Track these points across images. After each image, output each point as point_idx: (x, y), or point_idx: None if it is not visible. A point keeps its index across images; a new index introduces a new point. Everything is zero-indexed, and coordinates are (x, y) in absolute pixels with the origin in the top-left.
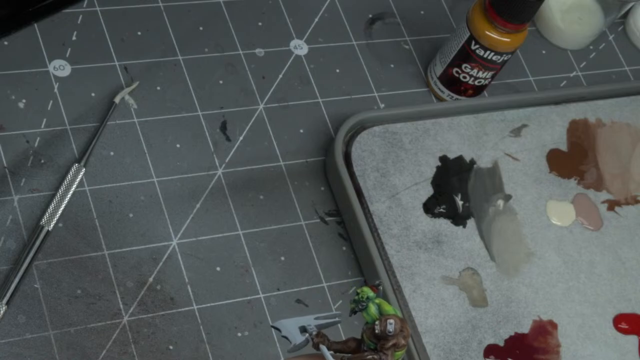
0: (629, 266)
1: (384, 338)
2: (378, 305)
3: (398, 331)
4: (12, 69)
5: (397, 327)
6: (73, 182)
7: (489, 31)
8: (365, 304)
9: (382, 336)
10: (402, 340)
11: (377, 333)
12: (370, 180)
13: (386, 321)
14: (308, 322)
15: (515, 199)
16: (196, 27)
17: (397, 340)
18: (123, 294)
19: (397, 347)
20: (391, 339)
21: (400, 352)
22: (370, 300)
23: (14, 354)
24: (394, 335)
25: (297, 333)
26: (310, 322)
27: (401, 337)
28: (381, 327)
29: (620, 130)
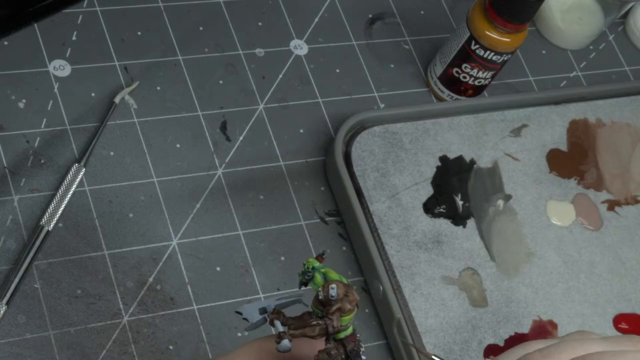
0: (629, 266)
1: (328, 303)
2: (324, 274)
3: (342, 296)
4: (12, 69)
5: (341, 292)
6: (73, 182)
7: (489, 31)
8: (312, 274)
9: (326, 302)
10: (347, 305)
11: (321, 299)
12: (370, 180)
13: (328, 286)
14: (269, 303)
15: (515, 199)
16: (196, 27)
17: (342, 305)
18: (123, 294)
19: (342, 312)
20: (335, 303)
21: (347, 317)
22: (316, 270)
23: (14, 354)
24: (338, 300)
25: (257, 314)
26: (271, 304)
27: (346, 302)
28: (324, 293)
29: (620, 130)
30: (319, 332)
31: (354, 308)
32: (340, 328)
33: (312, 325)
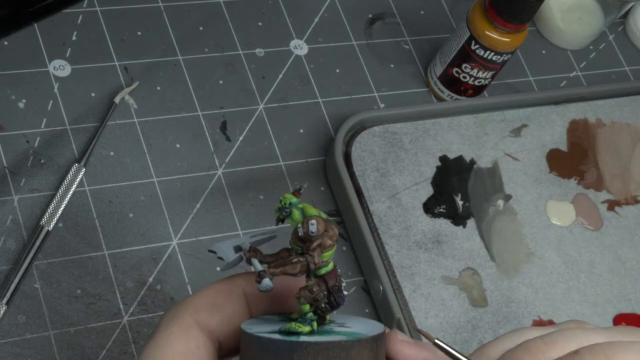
0: (629, 266)
1: (309, 240)
2: (302, 209)
3: (322, 231)
4: (12, 69)
5: (321, 227)
6: (73, 182)
7: (489, 31)
8: (289, 209)
9: (306, 238)
10: (328, 241)
11: (301, 236)
12: (370, 180)
13: (308, 222)
14: (244, 241)
15: (515, 199)
16: (196, 27)
17: (323, 241)
18: (123, 294)
19: (323, 248)
20: (315, 239)
21: (328, 253)
22: (294, 205)
23: (14, 354)
24: (318, 235)
25: (232, 252)
26: (246, 241)
27: (327, 237)
28: (304, 229)
29: (620, 130)
30: (301, 269)
31: (334, 243)
32: (321, 264)
33: (293, 263)
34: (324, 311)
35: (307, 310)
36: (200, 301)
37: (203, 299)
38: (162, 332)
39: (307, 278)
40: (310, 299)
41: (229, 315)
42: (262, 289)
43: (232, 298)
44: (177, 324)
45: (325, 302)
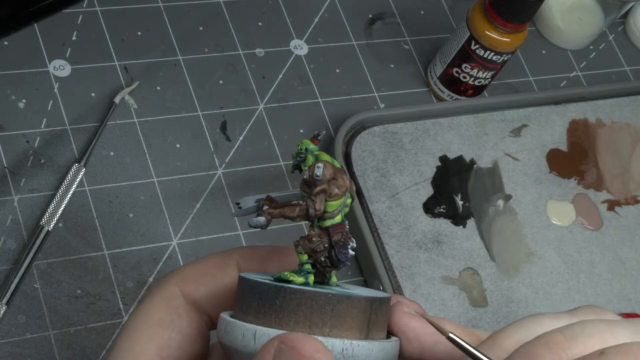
0: (629, 266)
1: (313, 184)
2: (316, 156)
3: (328, 177)
4: (12, 69)
5: (327, 172)
6: (73, 182)
7: (489, 31)
8: (304, 155)
9: (310, 182)
10: (335, 189)
11: (306, 179)
12: (370, 180)
13: (314, 165)
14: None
15: (515, 199)
16: (196, 27)
17: (328, 188)
18: (123, 294)
19: (329, 196)
20: (319, 184)
21: (334, 203)
22: (310, 152)
23: (14, 354)
24: (323, 181)
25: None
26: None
27: (334, 185)
28: (309, 172)
29: (620, 130)
30: (299, 212)
31: (342, 194)
32: (326, 215)
33: (291, 205)
34: (324, 266)
35: (304, 261)
36: (188, 271)
37: (192, 269)
38: (146, 301)
39: (311, 227)
40: (308, 248)
41: (219, 287)
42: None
43: (224, 270)
44: (161, 293)
45: (326, 256)
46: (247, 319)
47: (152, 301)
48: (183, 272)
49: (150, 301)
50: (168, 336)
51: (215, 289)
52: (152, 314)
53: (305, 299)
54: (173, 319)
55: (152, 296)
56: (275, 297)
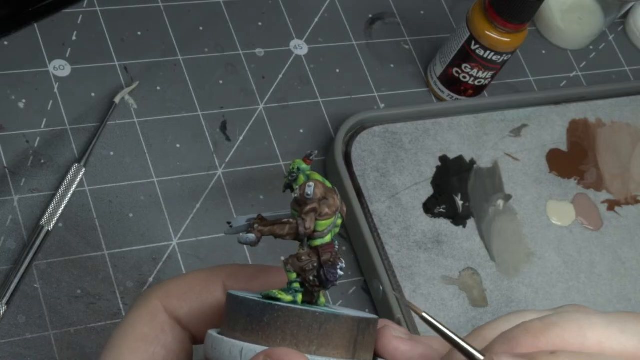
0: (629, 266)
1: (304, 203)
2: (308, 176)
3: (319, 197)
4: (12, 69)
5: (318, 192)
6: (73, 182)
7: (489, 31)
8: (296, 174)
9: (301, 201)
10: (325, 209)
11: (296, 197)
12: (370, 180)
13: (305, 184)
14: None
15: (515, 199)
16: (196, 27)
17: (319, 207)
18: (123, 294)
19: (319, 216)
20: (310, 203)
21: (324, 222)
22: (302, 171)
23: (14, 354)
24: (314, 199)
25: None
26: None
27: (325, 205)
28: (300, 191)
29: (620, 130)
30: (289, 231)
31: (333, 214)
32: (315, 234)
33: (282, 223)
34: (312, 285)
35: (293, 280)
36: (172, 287)
37: (176, 285)
38: (130, 315)
39: (300, 246)
40: (297, 267)
41: (203, 305)
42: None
43: (209, 289)
44: (145, 307)
45: (314, 276)
46: (234, 335)
47: (136, 315)
48: (167, 288)
49: (134, 315)
50: (152, 351)
51: (199, 307)
52: (136, 329)
53: (293, 316)
54: (157, 334)
55: (136, 310)
56: (263, 314)
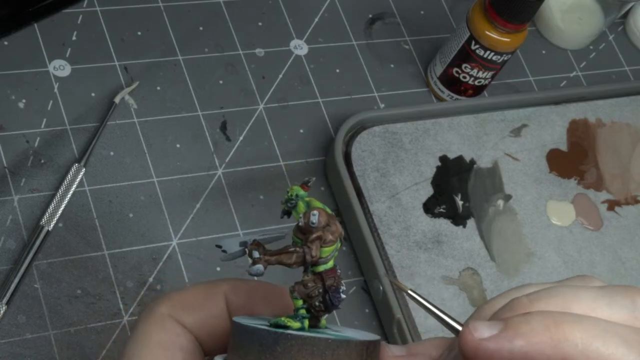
0: (629, 266)
1: (309, 231)
2: (307, 202)
3: (323, 224)
4: (12, 69)
5: (323, 220)
6: (73, 182)
7: (489, 31)
8: (295, 201)
9: (306, 229)
10: (329, 236)
11: (301, 226)
12: (370, 180)
13: (310, 213)
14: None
15: (515, 199)
16: (196, 27)
17: (323, 234)
18: (123, 294)
19: (323, 243)
20: (315, 231)
21: (328, 249)
22: (300, 198)
23: (14, 354)
24: (319, 228)
25: (236, 246)
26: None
27: (328, 232)
28: (305, 219)
29: (620, 130)
30: (296, 259)
31: (336, 240)
32: (320, 260)
33: (288, 252)
34: (318, 310)
35: (299, 306)
36: (176, 298)
37: (179, 297)
38: (140, 326)
39: (304, 273)
40: (304, 294)
41: (206, 316)
42: (251, 272)
43: (211, 301)
44: (153, 316)
45: (320, 301)
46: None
47: (146, 325)
48: (171, 298)
49: (144, 326)
50: (171, 355)
51: (202, 318)
52: (151, 337)
53: (306, 344)
54: (173, 339)
55: (145, 320)
56: (276, 344)
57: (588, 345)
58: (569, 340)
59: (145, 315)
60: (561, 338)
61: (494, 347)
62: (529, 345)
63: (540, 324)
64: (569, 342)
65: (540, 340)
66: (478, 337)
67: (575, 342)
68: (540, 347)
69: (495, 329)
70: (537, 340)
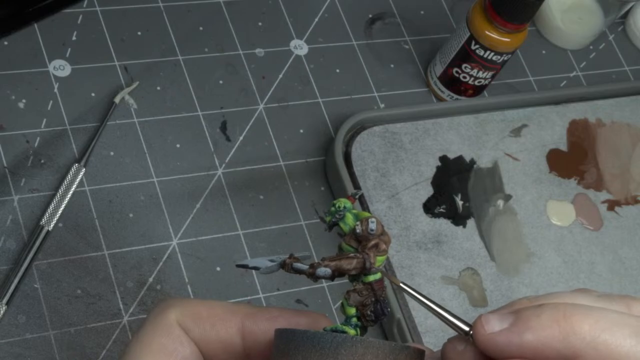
0: (629, 266)
1: (366, 238)
2: (356, 214)
3: (380, 231)
4: (12, 69)
5: (379, 227)
6: (73, 182)
7: (489, 31)
8: (343, 213)
9: (363, 237)
10: (383, 245)
11: (358, 233)
12: (370, 180)
13: (367, 220)
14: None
15: (515, 199)
16: (196, 27)
17: (379, 242)
18: (123, 294)
19: (378, 251)
20: (373, 238)
21: (381, 258)
22: (348, 210)
23: (14, 354)
24: (376, 235)
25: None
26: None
27: (382, 241)
28: (363, 227)
29: (620, 130)
30: (356, 265)
31: (387, 250)
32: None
33: (349, 258)
34: (368, 319)
35: (352, 314)
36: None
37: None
38: (146, 326)
39: (356, 282)
40: (358, 302)
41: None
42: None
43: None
44: (161, 319)
45: (372, 310)
46: None
47: (152, 326)
48: (185, 307)
49: (150, 327)
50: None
51: (209, 337)
52: (154, 339)
53: (371, 347)
54: (176, 347)
55: (152, 321)
56: (339, 347)
57: (596, 338)
58: (576, 334)
59: (153, 316)
60: (569, 331)
61: (504, 342)
62: (538, 340)
63: (550, 317)
64: (577, 336)
65: (549, 334)
66: (489, 331)
67: (583, 335)
68: (549, 341)
69: (506, 322)
70: (546, 334)
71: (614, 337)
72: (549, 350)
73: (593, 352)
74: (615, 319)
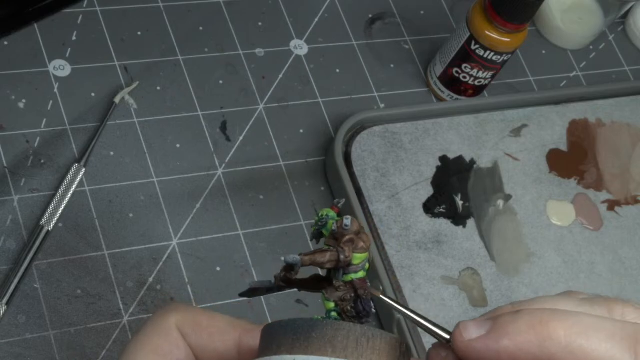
0: (629, 266)
1: (341, 235)
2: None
3: (356, 229)
4: (12, 69)
5: (355, 225)
6: (73, 182)
7: (489, 31)
8: (325, 220)
9: (339, 234)
10: (360, 242)
11: (334, 231)
12: (370, 180)
13: (342, 218)
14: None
15: (515, 199)
16: (196, 27)
17: (355, 239)
18: (123, 294)
19: (356, 248)
20: (347, 234)
21: (360, 256)
22: (331, 218)
23: (14, 354)
24: (351, 231)
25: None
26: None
27: (359, 239)
28: (338, 224)
29: (620, 130)
30: (330, 258)
31: (367, 249)
32: (351, 268)
33: (322, 251)
34: (349, 315)
35: (331, 309)
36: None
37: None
38: (147, 327)
39: (336, 280)
40: (336, 297)
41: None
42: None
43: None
44: (161, 321)
45: (352, 306)
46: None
47: (152, 328)
48: (187, 314)
49: (150, 328)
50: None
51: (204, 346)
52: (152, 340)
53: (342, 329)
54: (172, 349)
55: (152, 323)
56: (311, 330)
57: (572, 342)
58: (553, 339)
59: (154, 318)
60: (546, 337)
61: (482, 348)
62: (515, 345)
63: (527, 323)
64: (553, 341)
65: (526, 340)
66: (467, 338)
67: (559, 340)
68: (526, 346)
69: (483, 328)
70: (522, 340)
71: (589, 342)
72: (525, 356)
73: (569, 356)
74: (591, 324)
